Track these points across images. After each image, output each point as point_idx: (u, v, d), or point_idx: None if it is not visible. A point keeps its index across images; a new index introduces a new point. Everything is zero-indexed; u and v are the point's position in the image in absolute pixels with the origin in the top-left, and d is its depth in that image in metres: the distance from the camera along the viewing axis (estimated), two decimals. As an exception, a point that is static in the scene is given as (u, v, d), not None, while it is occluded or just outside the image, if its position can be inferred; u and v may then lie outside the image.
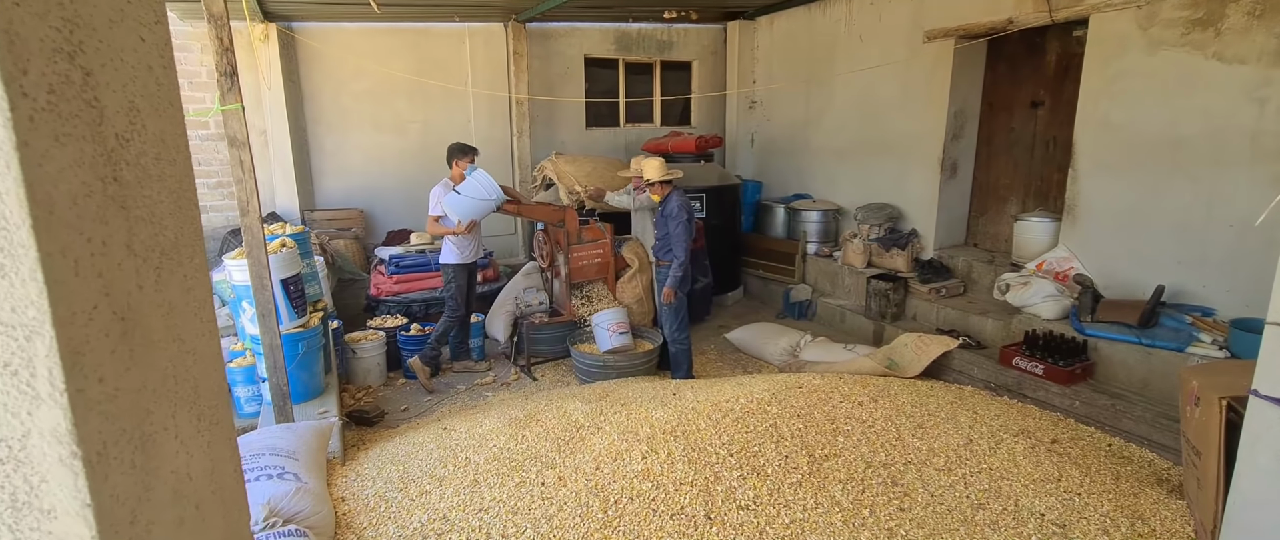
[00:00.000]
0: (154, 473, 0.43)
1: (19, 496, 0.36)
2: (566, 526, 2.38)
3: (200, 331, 0.55)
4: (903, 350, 4.28)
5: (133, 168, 0.44)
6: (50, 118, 0.34)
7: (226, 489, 0.58)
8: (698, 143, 6.38)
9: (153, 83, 0.48)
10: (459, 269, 4.65)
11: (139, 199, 0.45)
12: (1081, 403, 3.56)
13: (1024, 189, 5.40)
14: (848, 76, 6.22)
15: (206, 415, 0.54)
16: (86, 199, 0.38)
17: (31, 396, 0.34)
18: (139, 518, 0.40)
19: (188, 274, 0.53)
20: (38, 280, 0.32)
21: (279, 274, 3.48)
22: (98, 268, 0.38)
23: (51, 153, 0.34)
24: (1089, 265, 4.48)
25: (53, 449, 0.35)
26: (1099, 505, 2.57)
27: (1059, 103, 4.98)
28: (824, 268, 6.14)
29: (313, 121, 6.24)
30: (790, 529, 2.34)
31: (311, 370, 3.74)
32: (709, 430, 2.87)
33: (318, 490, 2.54)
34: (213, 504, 0.54)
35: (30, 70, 0.33)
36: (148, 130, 0.47)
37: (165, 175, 0.49)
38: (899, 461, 2.78)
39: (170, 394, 0.47)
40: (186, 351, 0.51)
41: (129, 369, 0.42)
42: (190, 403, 0.51)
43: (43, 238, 0.33)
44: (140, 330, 0.43)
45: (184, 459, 0.49)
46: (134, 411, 0.42)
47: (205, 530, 0.52)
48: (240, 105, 2.98)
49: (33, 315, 0.33)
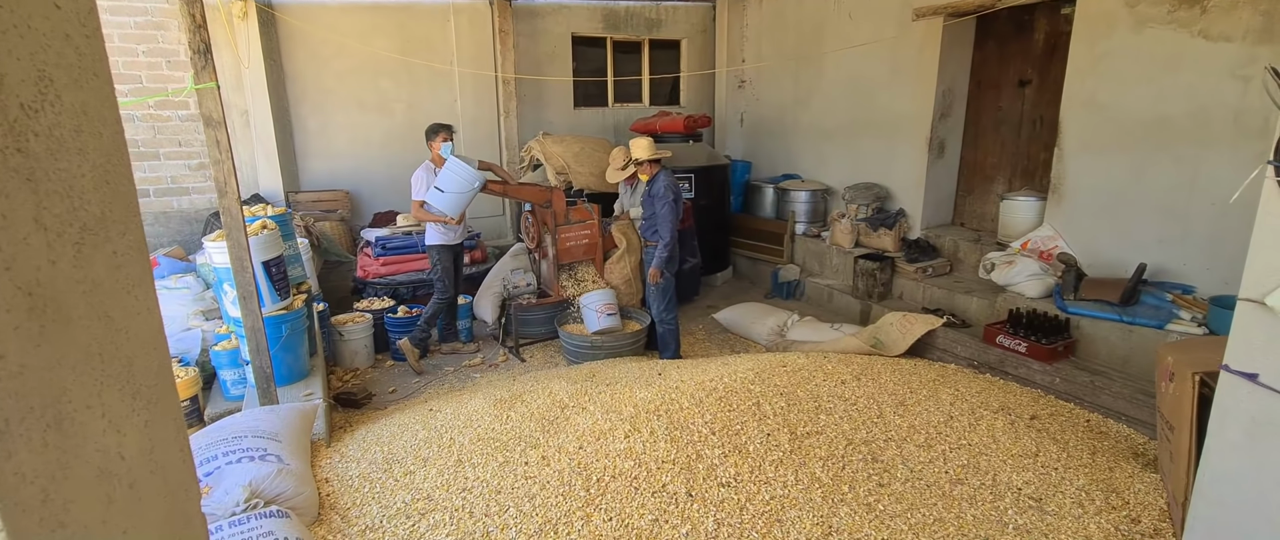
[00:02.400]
0: (73, 452, 0.42)
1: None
2: (549, 504, 2.40)
3: (134, 310, 0.54)
4: (888, 329, 4.31)
5: (43, 139, 0.43)
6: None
7: (169, 468, 0.57)
8: (686, 122, 6.34)
9: (71, 52, 0.47)
10: (444, 250, 4.63)
11: (51, 172, 0.44)
12: (1062, 379, 3.61)
13: (1011, 168, 5.41)
14: (837, 56, 6.17)
15: (143, 394, 0.54)
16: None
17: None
18: (53, 496, 0.40)
19: (118, 250, 0.52)
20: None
21: (260, 256, 3.44)
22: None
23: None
24: (1073, 244, 4.51)
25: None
26: (1075, 479, 2.62)
27: (1046, 81, 4.97)
28: (812, 248, 6.15)
29: (295, 101, 6.14)
30: (770, 505, 2.37)
31: (296, 353, 3.73)
32: (692, 409, 2.89)
33: (300, 471, 2.55)
34: (152, 483, 0.53)
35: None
36: (63, 101, 0.45)
37: (87, 148, 0.48)
38: (880, 438, 2.81)
39: (95, 372, 0.47)
40: (116, 329, 0.50)
41: (38, 346, 0.41)
42: (121, 381, 0.50)
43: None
44: (53, 307, 0.42)
45: (114, 438, 0.48)
46: (45, 389, 0.41)
47: (142, 510, 0.51)
48: (215, 84, 2.92)
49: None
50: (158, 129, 5.59)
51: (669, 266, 4.41)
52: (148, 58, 5.43)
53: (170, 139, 5.66)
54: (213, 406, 3.66)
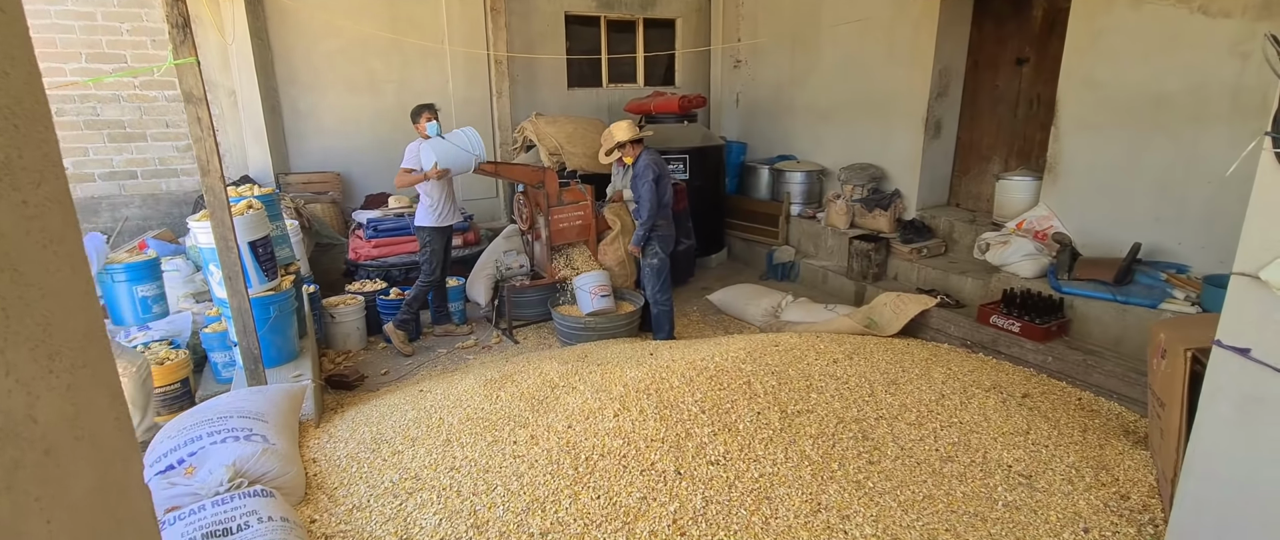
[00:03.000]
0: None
1: None
2: (537, 483, 2.39)
3: (52, 266, 0.51)
4: (882, 309, 4.29)
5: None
6: None
7: (99, 436, 0.54)
8: (681, 103, 6.26)
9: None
10: (435, 232, 4.57)
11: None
12: (1054, 358, 3.60)
13: (1007, 148, 5.36)
14: (834, 35, 6.09)
15: (64, 356, 0.51)
16: None
17: None
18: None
19: (29, 201, 0.48)
20: None
21: (246, 236, 3.40)
22: None
23: None
24: (1068, 224, 4.49)
25: None
26: (1065, 456, 2.61)
27: (1044, 60, 4.91)
28: (807, 229, 6.12)
29: (284, 81, 6.05)
30: (759, 482, 2.36)
31: (285, 334, 3.70)
32: (682, 388, 2.87)
33: (286, 451, 2.53)
34: (75, 450, 0.50)
35: None
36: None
37: None
38: (871, 416, 2.80)
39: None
40: (25, 284, 0.47)
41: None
42: (33, 341, 0.47)
43: None
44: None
45: (21, 399, 0.45)
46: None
47: (60, 478, 0.48)
48: (194, 59, 2.85)
49: None
50: (144, 110, 5.51)
51: (662, 245, 4.38)
52: (132, 36, 5.33)
53: (157, 120, 5.57)
54: (204, 389, 3.64)
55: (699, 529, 2.16)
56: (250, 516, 2.02)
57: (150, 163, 5.62)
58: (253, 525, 1.98)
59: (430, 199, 4.49)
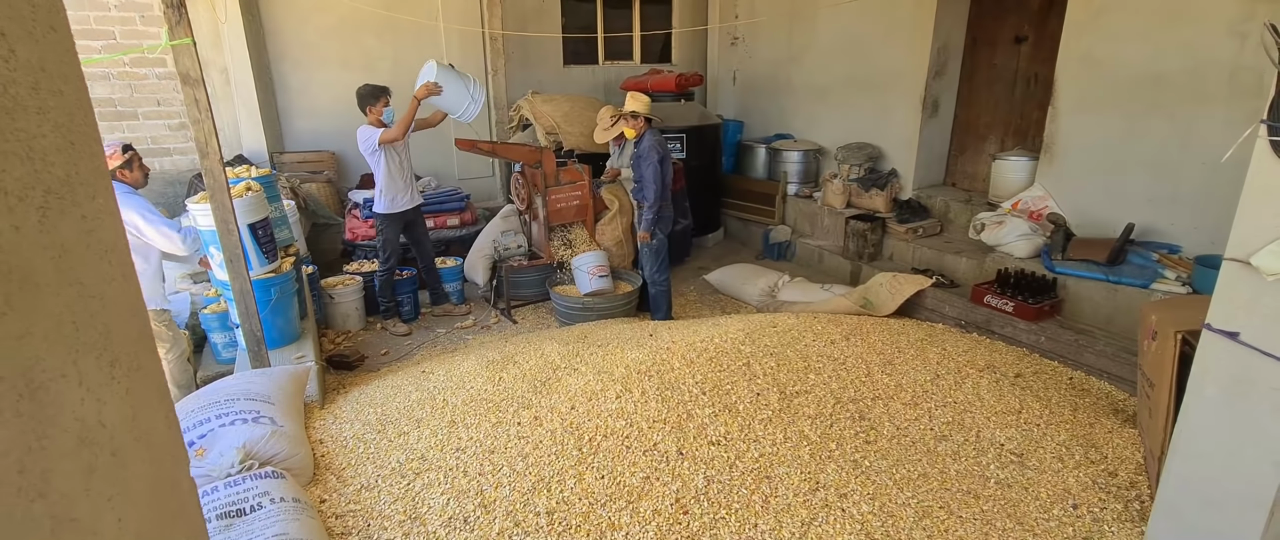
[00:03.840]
0: (49, 421, 0.42)
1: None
2: (542, 463, 2.44)
3: (108, 276, 0.52)
4: (877, 290, 4.34)
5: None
6: None
7: (154, 435, 0.57)
8: (678, 81, 6.22)
9: (24, 4, 0.44)
10: (389, 219, 4.42)
11: (9, 133, 0.42)
12: (1047, 338, 3.66)
13: (1004, 127, 5.37)
14: (831, 12, 6.03)
15: (122, 362, 0.53)
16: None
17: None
18: (29, 467, 0.39)
19: (87, 215, 0.50)
20: None
21: (246, 218, 3.39)
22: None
23: None
24: (1063, 204, 4.52)
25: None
26: (1056, 435, 2.68)
27: (1043, 38, 4.90)
28: (804, 208, 6.14)
29: (277, 58, 5.97)
30: (759, 462, 2.42)
31: (286, 316, 3.71)
32: (683, 369, 2.92)
33: (294, 433, 2.57)
34: (136, 451, 0.53)
35: None
36: (18, 56, 0.43)
37: (48, 107, 0.46)
38: (867, 397, 2.86)
39: (67, 341, 0.46)
40: (89, 296, 0.49)
41: (4, 315, 0.40)
42: (98, 349, 0.49)
43: None
44: (19, 274, 0.41)
45: (93, 407, 0.47)
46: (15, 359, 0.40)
47: (126, 477, 0.51)
48: (191, 40, 2.82)
49: None
50: (134, 87, 5.43)
51: (660, 227, 4.39)
52: (120, 12, 5.23)
53: (148, 98, 5.50)
54: (204, 369, 3.66)
55: (701, 507, 2.22)
56: (262, 497, 2.06)
57: (142, 141, 5.55)
58: (266, 506, 2.02)
59: (384, 183, 4.32)
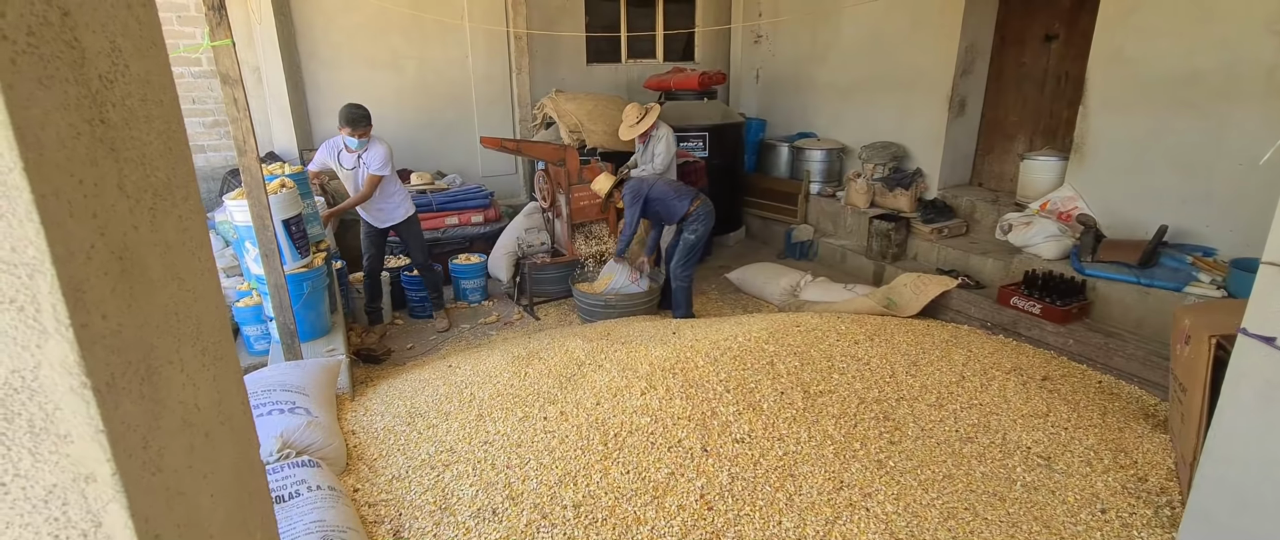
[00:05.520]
0: (162, 403, 0.45)
1: (36, 423, 0.39)
2: (568, 458, 2.48)
3: (199, 271, 0.57)
4: (901, 290, 4.32)
5: (119, 109, 0.45)
6: (32, 60, 0.35)
7: (235, 419, 0.61)
8: (701, 79, 6.23)
9: (133, 21, 0.48)
10: (362, 223, 4.48)
11: (127, 140, 0.46)
12: (1075, 341, 3.62)
13: (1032, 127, 5.30)
14: (856, 10, 5.99)
15: (210, 351, 0.57)
16: (75, 141, 0.39)
17: (39, 331, 0.36)
18: (150, 444, 0.43)
19: (183, 215, 0.54)
20: (34, 221, 0.34)
21: (280, 214, 3.48)
22: (91, 208, 0.40)
23: (36, 96, 0.35)
24: (1094, 205, 4.45)
25: (63, 379, 0.37)
26: (1084, 439, 2.66)
27: (1074, 35, 4.82)
28: (826, 208, 6.12)
29: (306, 57, 6.09)
30: (783, 460, 2.43)
31: (317, 310, 3.80)
32: (707, 367, 2.94)
33: (328, 424, 2.64)
34: (222, 433, 0.57)
35: (7, 11, 0.33)
36: (131, 71, 0.47)
37: (153, 116, 0.50)
38: (892, 397, 2.86)
39: (173, 330, 0.50)
40: (186, 290, 0.53)
41: (130, 306, 0.44)
42: (193, 338, 0.53)
43: (35, 179, 0.34)
44: (139, 269, 0.45)
45: (191, 391, 0.51)
46: (139, 346, 0.44)
47: (216, 457, 0.55)
48: (230, 41, 2.90)
49: (32, 254, 0.34)
50: (171, 86, 5.57)
51: (702, 223, 4.39)
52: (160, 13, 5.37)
53: (184, 96, 5.64)
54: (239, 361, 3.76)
55: (726, 504, 2.24)
56: (300, 485, 2.12)
57: (178, 139, 5.70)
58: (303, 494, 2.09)
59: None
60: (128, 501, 0.39)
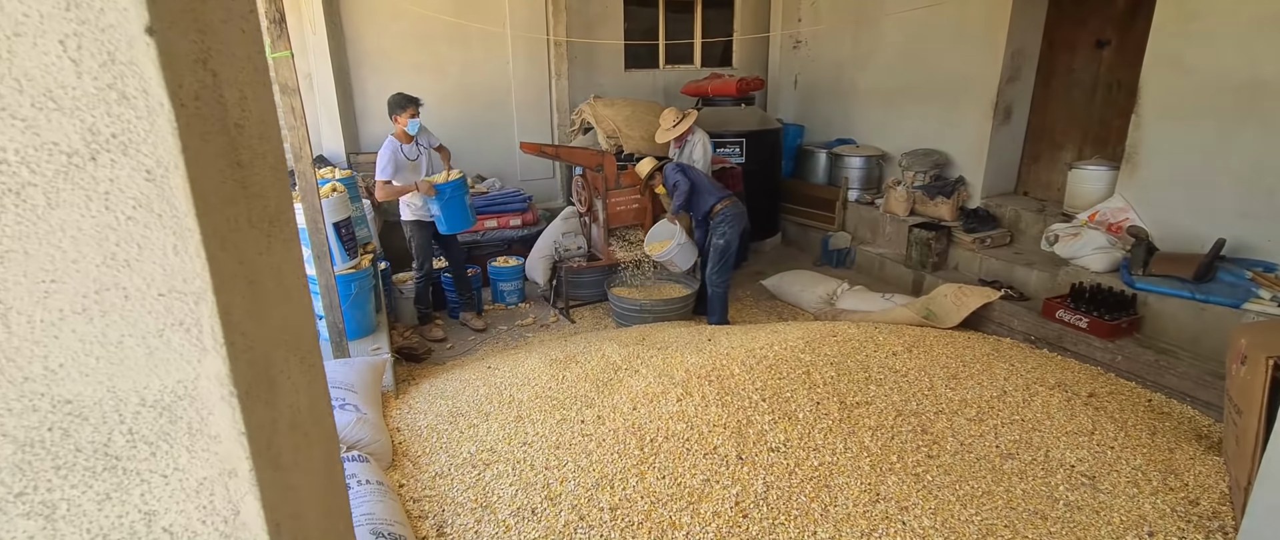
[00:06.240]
0: (278, 408, 0.52)
1: (194, 425, 0.45)
2: (605, 461, 2.53)
3: (299, 288, 0.63)
4: (941, 300, 4.25)
5: (247, 151, 0.51)
6: (197, 120, 0.41)
7: (323, 420, 0.68)
8: (739, 85, 6.23)
9: (252, 70, 0.54)
10: (416, 226, 4.47)
11: (252, 178, 0.52)
12: (1124, 357, 3.51)
13: (1082, 135, 5.16)
14: (899, 16, 5.93)
15: (307, 359, 0.63)
16: (222, 184, 0.45)
17: (200, 348, 0.43)
18: (273, 444, 0.49)
19: (287, 238, 0.61)
20: (201, 256, 0.40)
21: (331, 217, 3.63)
22: (233, 241, 0.46)
23: (200, 149, 0.41)
24: (1146, 216, 4.31)
25: (216, 389, 0.44)
26: (1131, 459, 2.59)
27: (1127, 42, 4.68)
28: (865, 215, 6.05)
29: (356, 65, 6.31)
30: (819, 471, 2.44)
31: (364, 309, 3.95)
32: (743, 375, 2.96)
33: (375, 421, 2.75)
34: (316, 433, 0.63)
35: (184, 84, 0.40)
36: (253, 115, 0.53)
37: (267, 152, 0.56)
38: (930, 410, 2.83)
39: (284, 343, 0.56)
40: (291, 306, 0.59)
41: (258, 324, 0.50)
42: (295, 349, 0.60)
43: (202, 221, 0.41)
44: (261, 291, 0.51)
45: (295, 396, 0.58)
46: (263, 358, 0.50)
47: (313, 454, 0.61)
48: (289, 53, 3.05)
49: (198, 284, 0.41)
50: (230, 92, 5.84)
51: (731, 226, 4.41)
52: (219, 23, 5.63)
53: (241, 102, 5.90)
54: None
55: (760, 512, 2.26)
56: (350, 479, 2.22)
57: (236, 143, 5.97)
58: (354, 487, 2.19)
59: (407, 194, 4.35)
60: (259, 494, 0.46)
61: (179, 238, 0.41)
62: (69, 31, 0.36)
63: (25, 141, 0.37)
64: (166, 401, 0.44)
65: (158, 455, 0.45)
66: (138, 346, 0.42)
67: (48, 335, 0.40)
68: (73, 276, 0.39)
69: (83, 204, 0.39)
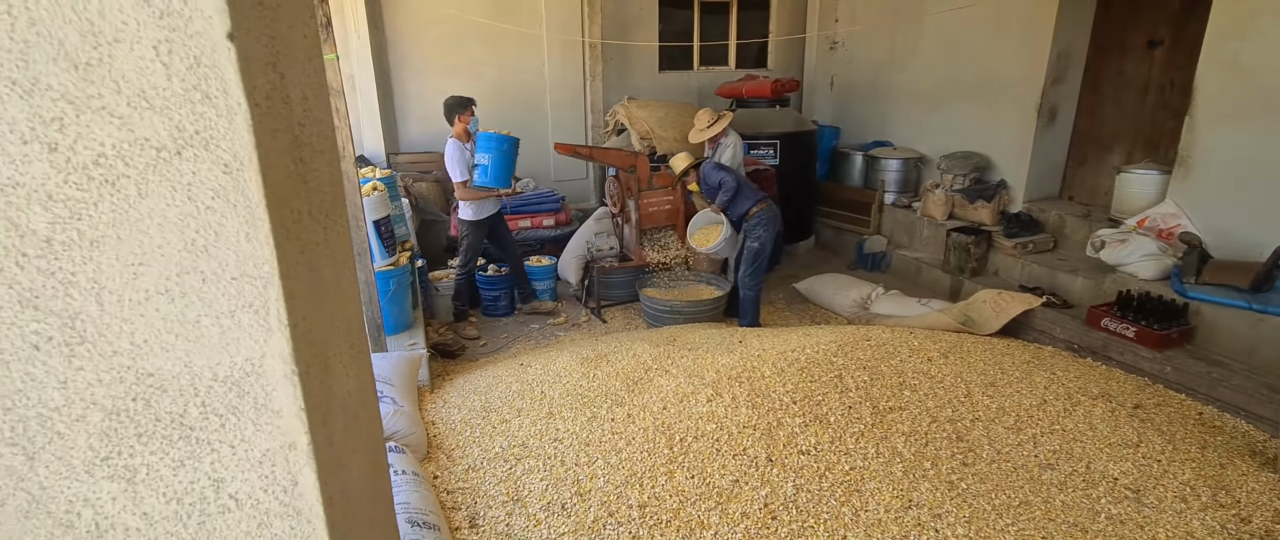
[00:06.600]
0: (332, 389, 0.55)
1: (259, 400, 0.49)
2: (635, 459, 2.55)
3: (349, 279, 0.67)
4: (980, 307, 4.16)
5: (308, 148, 0.55)
6: (268, 118, 0.45)
7: (369, 405, 0.71)
8: (774, 86, 6.20)
9: (312, 72, 0.58)
10: (474, 225, 4.62)
11: (312, 173, 0.56)
12: (1173, 368, 3.39)
13: (1131, 138, 4.98)
14: (939, 16, 5.81)
15: (356, 346, 0.67)
16: (287, 179, 0.48)
17: (267, 329, 0.46)
18: (327, 422, 0.53)
19: (340, 230, 0.64)
20: (270, 244, 0.44)
21: (371, 215, 3.74)
22: (296, 232, 0.49)
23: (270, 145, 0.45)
24: (1199, 223, 4.14)
25: (280, 367, 0.47)
26: (1179, 473, 2.50)
27: (1181, 42, 4.51)
28: (901, 219, 5.95)
29: (396, 67, 6.47)
30: (850, 475, 2.41)
31: (401, 305, 4.05)
32: (773, 377, 2.95)
33: (412, 413, 2.82)
34: (364, 416, 0.67)
35: (258, 85, 0.43)
36: (313, 114, 0.57)
37: (325, 150, 0.60)
38: (966, 418, 2.77)
39: (336, 328, 0.59)
40: (343, 295, 0.63)
41: (316, 309, 0.53)
42: (346, 335, 0.63)
43: (272, 212, 0.44)
44: (319, 279, 0.55)
45: (345, 380, 0.61)
46: (320, 342, 0.54)
47: (360, 436, 0.65)
48: (335, 56, 3.16)
49: (267, 270, 0.44)
50: (278, 94, 6.05)
51: (766, 228, 4.39)
52: (269, 27, 5.84)
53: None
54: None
55: (790, 514, 2.25)
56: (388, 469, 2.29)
57: (282, 143, 6.18)
58: (391, 476, 2.25)
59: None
60: (316, 467, 0.49)
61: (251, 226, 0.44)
62: (161, 37, 0.41)
63: (121, 137, 0.42)
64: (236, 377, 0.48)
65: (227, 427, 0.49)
66: (212, 325, 0.46)
67: (135, 313, 0.44)
68: (158, 260, 0.43)
69: (168, 194, 0.43)
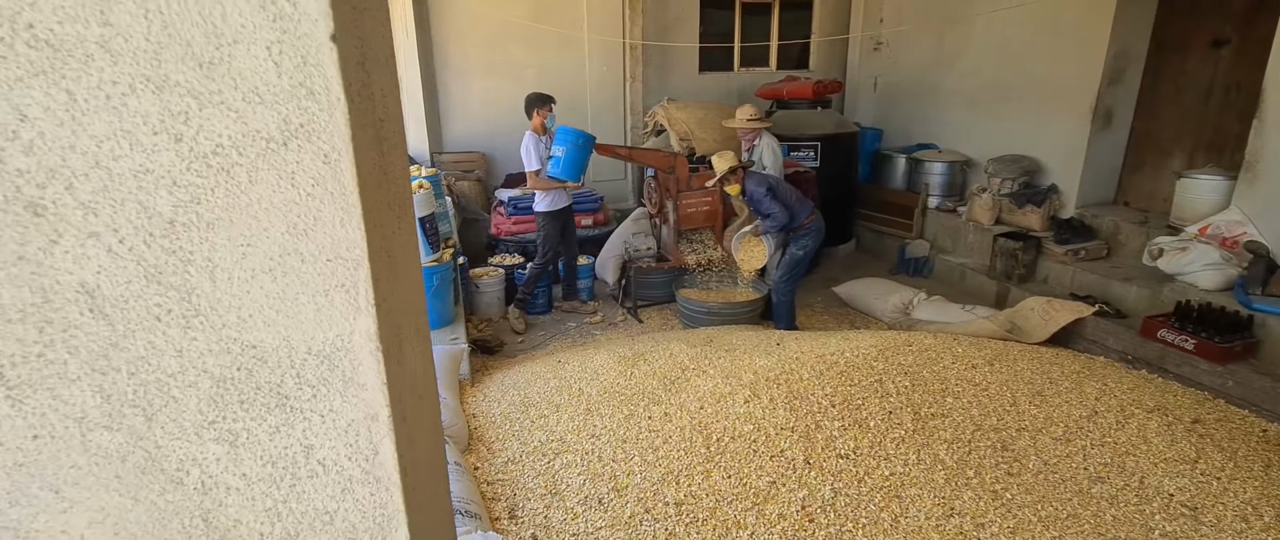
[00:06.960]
0: (405, 367, 0.59)
1: (347, 373, 0.53)
2: (671, 457, 2.57)
3: (415, 265, 0.71)
4: (1028, 314, 4.04)
5: (386, 142, 0.59)
6: (358, 113, 0.49)
7: (431, 387, 0.75)
8: (815, 88, 6.13)
9: (388, 71, 0.62)
10: (550, 217, 4.70)
11: (390, 165, 0.60)
12: (1236, 383, 3.23)
13: (1193, 142, 4.77)
14: (989, 16, 5.67)
15: (421, 330, 0.71)
16: (372, 169, 0.52)
17: (355, 308, 0.50)
18: (402, 399, 0.57)
19: (409, 221, 0.69)
20: (361, 229, 0.48)
21: (417, 213, 3.85)
22: (378, 219, 0.53)
23: (361, 138, 0.49)
24: (1267, 231, 3.94)
25: (366, 344, 0.51)
26: (1241, 491, 2.39)
27: (1248, 42, 4.30)
28: (946, 223, 5.82)
29: (441, 68, 6.63)
30: (890, 481, 2.38)
31: (444, 301, 4.15)
32: (812, 380, 2.92)
33: (454, 406, 2.90)
34: (428, 397, 0.71)
35: (352, 82, 0.47)
36: (391, 110, 0.61)
37: (398, 144, 0.64)
38: (1012, 427, 2.70)
39: (407, 311, 0.63)
40: (411, 281, 0.67)
41: (393, 292, 0.57)
42: (414, 320, 0.67)
43: (363, 199, 0.48)
44: (394, 265, 0.59)
45: (414, 361, 0.65)
46: (395, 323, 0.57)
47: (424, 414, 0.69)
48: (387, 58, 3.26)
49: (357, 253, 0.48)
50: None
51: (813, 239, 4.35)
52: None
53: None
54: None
55: (827, 518, 2.23)
56: (431, 458, 2.37)
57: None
58: (434, 465, 2.33)
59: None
60: (395, 438, 0.54)
61: (345, 212, 0.48)
62: (274, 39, 0.45)
63: (236, 129, 0.46)
64: (327, 352, 0.52)
65: (318, 397, 0.53)
66: (308, 303, 0.51)
67: (242, 290, 0.49)
68: (263, 242, 0.48)
69: (275, 182, 0.48)
